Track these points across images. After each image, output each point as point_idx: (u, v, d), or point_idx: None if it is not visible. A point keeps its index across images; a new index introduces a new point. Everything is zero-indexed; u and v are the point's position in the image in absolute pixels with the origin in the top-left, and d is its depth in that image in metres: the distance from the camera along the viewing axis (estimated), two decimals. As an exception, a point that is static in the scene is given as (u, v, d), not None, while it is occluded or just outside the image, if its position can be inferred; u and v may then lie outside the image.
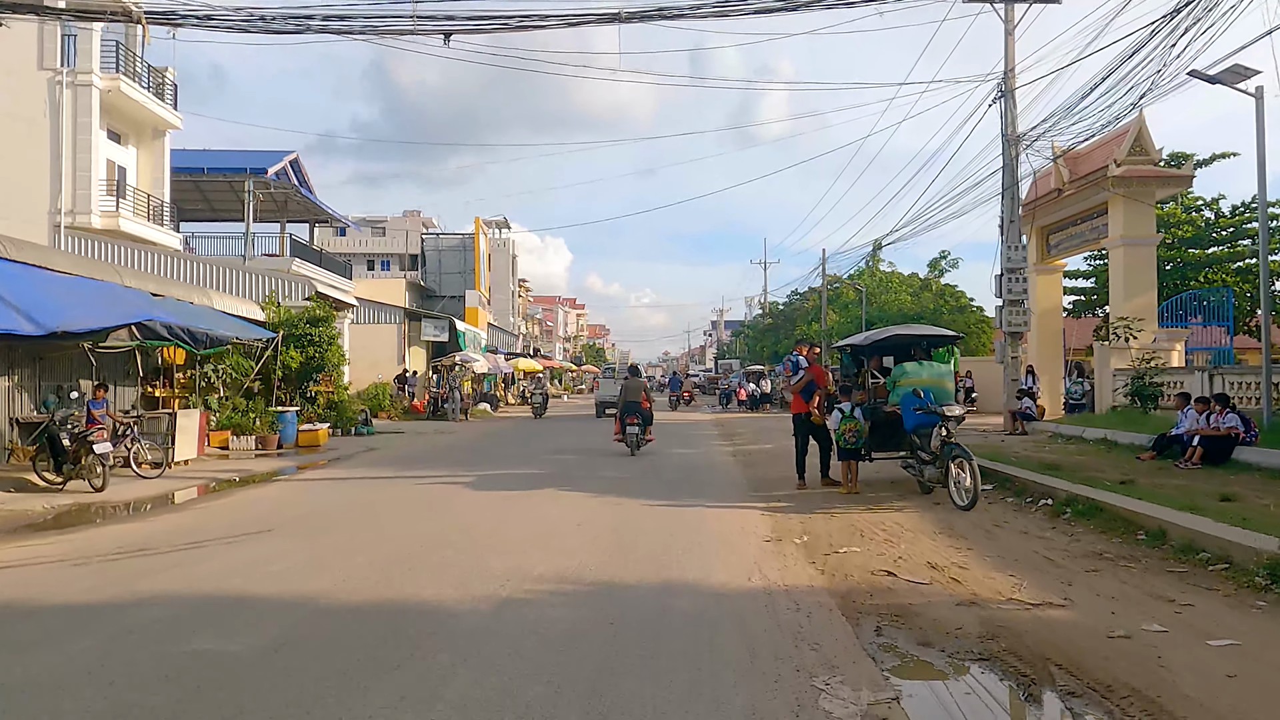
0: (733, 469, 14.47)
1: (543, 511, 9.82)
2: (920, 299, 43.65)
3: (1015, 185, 22.09)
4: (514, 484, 12.50)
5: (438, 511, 9.90)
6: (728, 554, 7.41)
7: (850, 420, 10.90)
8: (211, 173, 36.35)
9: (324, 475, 14.62)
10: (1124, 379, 18.59)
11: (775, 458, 16.05)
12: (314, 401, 24.33)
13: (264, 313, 23.99)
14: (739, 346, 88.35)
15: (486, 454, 18.00)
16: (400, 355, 36.31)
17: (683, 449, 18.78)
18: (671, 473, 14.03)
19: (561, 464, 15.53)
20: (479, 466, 15.22)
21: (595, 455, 17.37)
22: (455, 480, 13.04)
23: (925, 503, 10.23)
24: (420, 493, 11.74)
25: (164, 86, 30.68)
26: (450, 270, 51.68)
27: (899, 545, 7.74)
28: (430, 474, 14.05)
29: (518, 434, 24.96)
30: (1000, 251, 22.32)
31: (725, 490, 11.74)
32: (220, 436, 19.88)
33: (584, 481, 12.81)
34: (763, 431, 23.70)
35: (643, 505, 10.28)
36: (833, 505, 10.19)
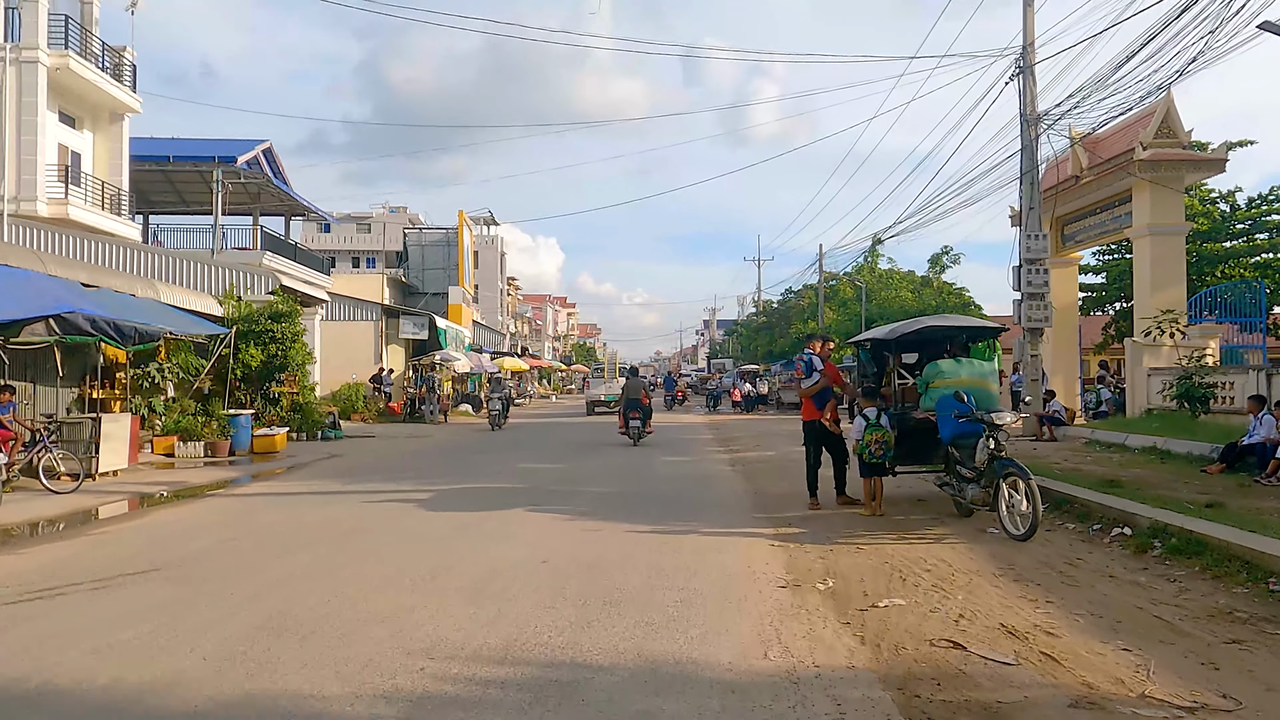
0: (732, 482, 12.71)
1: (503, 543, 8.02)
2: (921, 296, 41.99)
3: (1035, 169, 20.40)
4: (478, 502, 10.71)
5: (373, 543, 8.10)
6: (734, 611, 5.64)
7: (876, 429, 9.16)
8: (178, 161, 34.39)
9: (265, 490, 12.80)
10: (1161, 380, 16.91)
11: (779, 468, 14.29)
12: (277, 403, 22.50)
13: (222, 307, 22.19)
14: (732, 346, 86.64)
15: (457, 462, 16.20)
16: (377, 354, 34.45)
17: (676, 457, 17.00)
18: (664, 486, 12.25)
19: (538, 475, 13.74)
20: (444, 478, 13.43)
21: (578, 462, 15.59)
22: (410, 497, 11.24)
23: (967, 529, 8.48)
24: (363, 515, 9.94)
25: (122, 67, 28.78)
26: (433, 266, 49.80)
27: (954, 594, 5.98)
28: (385, 488, 12.25)
29: (496, 438, 23.14)
30: (1018, 241, 20.63)
31: (726, 511, 9.96)
32: (165, 443, 18.06)
33: (561, 498, 11.02)
34: (762, 437, 21.94)
35: (627, 532, 8.51)
36: (856, 532, 8.43)
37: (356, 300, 35.08)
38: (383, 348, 34.53)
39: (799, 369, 9.84)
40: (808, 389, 9.87)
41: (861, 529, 8.60)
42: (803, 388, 9.89)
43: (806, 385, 9.85)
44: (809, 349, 10.09)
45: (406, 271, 50.54)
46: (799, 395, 10.01)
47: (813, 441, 10.06)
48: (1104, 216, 23.89)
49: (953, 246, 44.61)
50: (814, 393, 9.86)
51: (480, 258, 72.62)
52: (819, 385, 9.84)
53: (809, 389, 9.86)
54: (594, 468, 14.85)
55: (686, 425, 28.17)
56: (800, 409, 10.49)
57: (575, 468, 14.87)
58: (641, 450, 18.38)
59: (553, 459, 16.58)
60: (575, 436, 23.36)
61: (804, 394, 9.93)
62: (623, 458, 16.68)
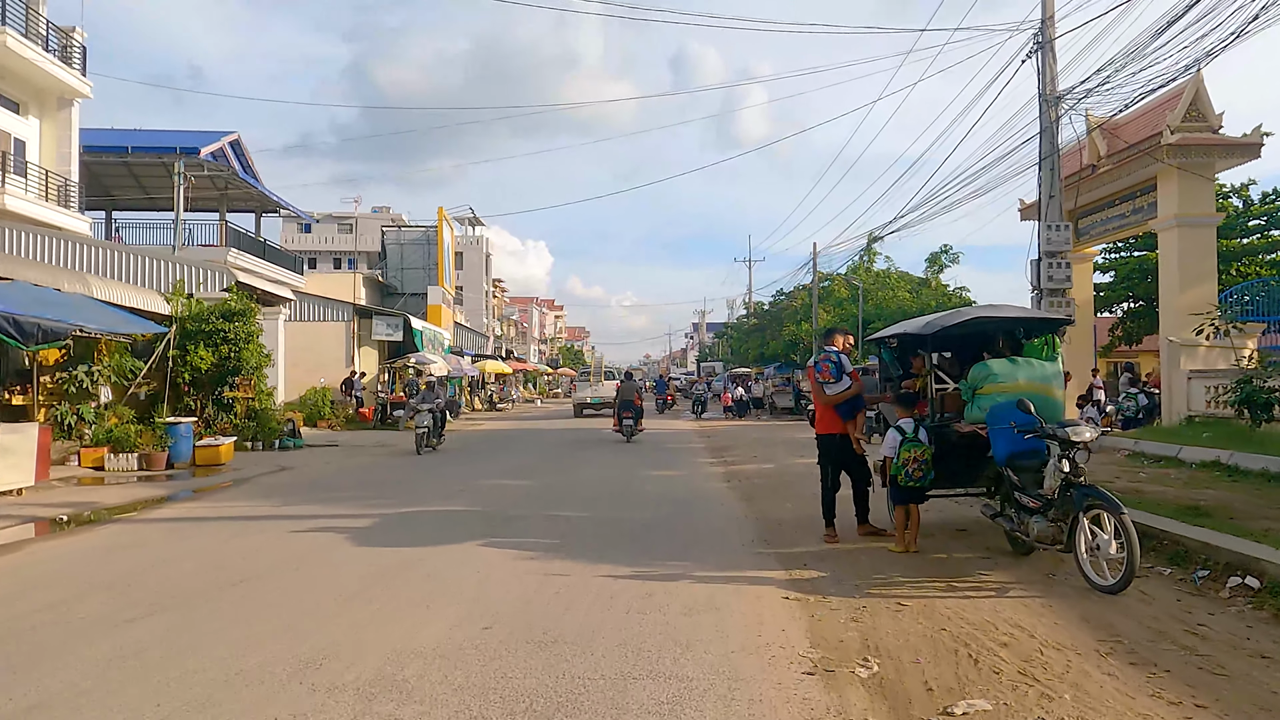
0: (729, 503, 10.90)
1: (434, 601, 6.19)
2: (920, 296, 40.34)
3: (1056, 153, 18.70)
4: (422, 533, 8.87)
5: (260, 603, 6.26)
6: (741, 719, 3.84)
7: (915, 445, 7.39)
8: (137, 152, 32.48)
9: (183, 513, 10.92)
10: (1205, 383, 15.23)
11: (782, 485, 12.50)
12: (230, 409, 20.61)
13: (169, 305, 20.28)
14: (722, 348, 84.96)
15: (416, 478, 14.34)
16: (349, 356, 32.51)
17: (664, 470, 15.17)
18: (649, 509, 10.43)
19: (504, 495, 11.92)
20: (395, 498, 11.59)
21: (554, 478, 13.76)
22: (345, 524, 9.40)
23: (1031, 574, 6.70)
24: (273, 553, 8.09)
25: (71, 49, 26.83)
26: (413, 265, 47.83)
27: (1057, 691, 4.19)
28: (321, 512, 10.41)
29: (470, 448, 21.27)
30: (1037, 233, 18.96)
31: (724, 544, 8.16)
32: (95, 454, 16.15)
33: (524, 526, 9.20)
34: (758, 446, 20.14)
35: (600, 579, 6.69)
36: (890, 576, 6.65)
37: (326, 300, 33.13)
38: (354, 350, 32.61)
39: (825, 370, 8.03)
40: (835, 395, 8.08)
41: (897, 572, 6.81)
42: (828, 394, 8.09)
43: (834, 391, 8.06)
44: (830, 345, 8.29)
45: (385, 271, 48.59)
46: (822, 403, 8.20)
47: (831, 460, 8.29)
48: (1124, 208, 22.25)
49: (952, 245, 42.94)
50: (841, 400, 8.08)
51: (465, 259, 70.74)
52: (850, 391, 8.07)
53: (837, 395, 8.08)
54: (570, 484, 13.03)
55: (676, 432, 26.36)
56: (812, 418, 8.68)
57: (549, 485, 13.04)
58: (626, 462, 16.59)
59: (525, 473, 14.74)
60: (556, 445, 21.51)
61: (829, 402, 8.12)
62: (604, 472, 14.87)
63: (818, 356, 8.17)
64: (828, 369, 7.96)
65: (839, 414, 8.12)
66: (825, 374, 7.97)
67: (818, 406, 8.26)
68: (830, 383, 7.99)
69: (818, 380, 8.07)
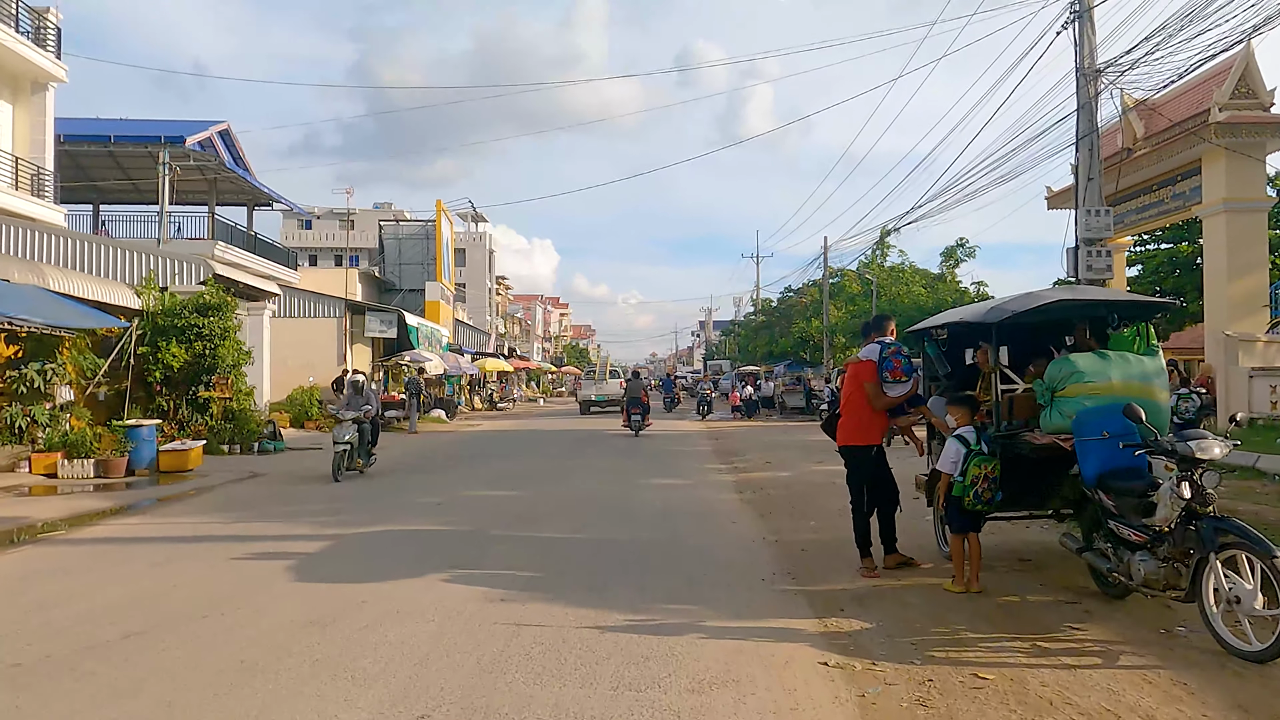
0: (744, 522, 9.46)
1: (366, 669, 4.77)
2: (937, 291, 38.81)
3: (1095, 131, 17.19)
4: (374, 561, 7.47)
5: (152, 666, 4.87)
6: None
7: (984, 460, 5.95)
8: (120, 141, 31.14)
9: (120, 532, 9.53)
10: (1269, 382, 13.77)
11: (801, 498, 11.06)
12: (205, 410, 19.25)
13: (140, 299, 18.97)
14: (729, 346, 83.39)
15: (391, 487, 12.95)
16: (341, 354, 31.16)
17: (668, 479, 13.73)
18: (650, 528, 9.01)
19: (485, 509, 10.50)
20: (360, 512, 10.19)
21: (545, 486, 12.34)
22: (298, 548, 8.02)
23: (1136, 626, 5.27)
24: (203, 586, 6.70)
25: (45, 30, 25.46)
26: (411, 261, 46.43)
27: None
28: (276, 531, 9.03)
29: (460, 451, 19.89)
30: (1074, 219, 17.48)
31: (740, 578, 6.73)
32: (47, 460, 14.78)
33: (500, 553, 7.79)
34: (770, 450, 18.69)
35: (585, 631, 5.29)
36: (956, 631, 5.22)
37: (317, 295, 31.82)
38: (347, 347, 31.25)
39: (896, 367, 6.53)
40: (896, 398, 6.67)
41: (961, 622, 5.38)
42: (890, 396, 6.66)
43: (897, 393, 6.65)
44: (884, 338, 6.80)
45: (383, 267, 47.23)
46: (878, 406, 6.71)
47: (865, 475, 6.84)
48: (1162, 194, 20.77)
49: (968, 239, 41.35)
50: (896, 403, 6.64)
51: (468, 256, 69.43)
52: (909, 393, 6.64)
53: (898, 398, 6.67)
54: (563, 496, 11.61)
55: (682, 434, 24.91)
56: (831, 423, 7.22)
57: (540, 496, 11.62)
58: (627, 468, 15.18)
59: (515, 481, 13.32)
60: (553, 448, 20.09)
61: (887, 405, 6.70)
62: (602, 480, 13.44)
63: (886, 351, 6.64)
64: (899, 365, 6.48)
65: (885, 418, 6.68)
66: (897, 371, 6.50)
67: (857, 411, 6.77)
68: (901, 382, 6.53)
69: (884, 378, 6.59)
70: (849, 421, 6.86)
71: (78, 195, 38.18)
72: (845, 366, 7.07)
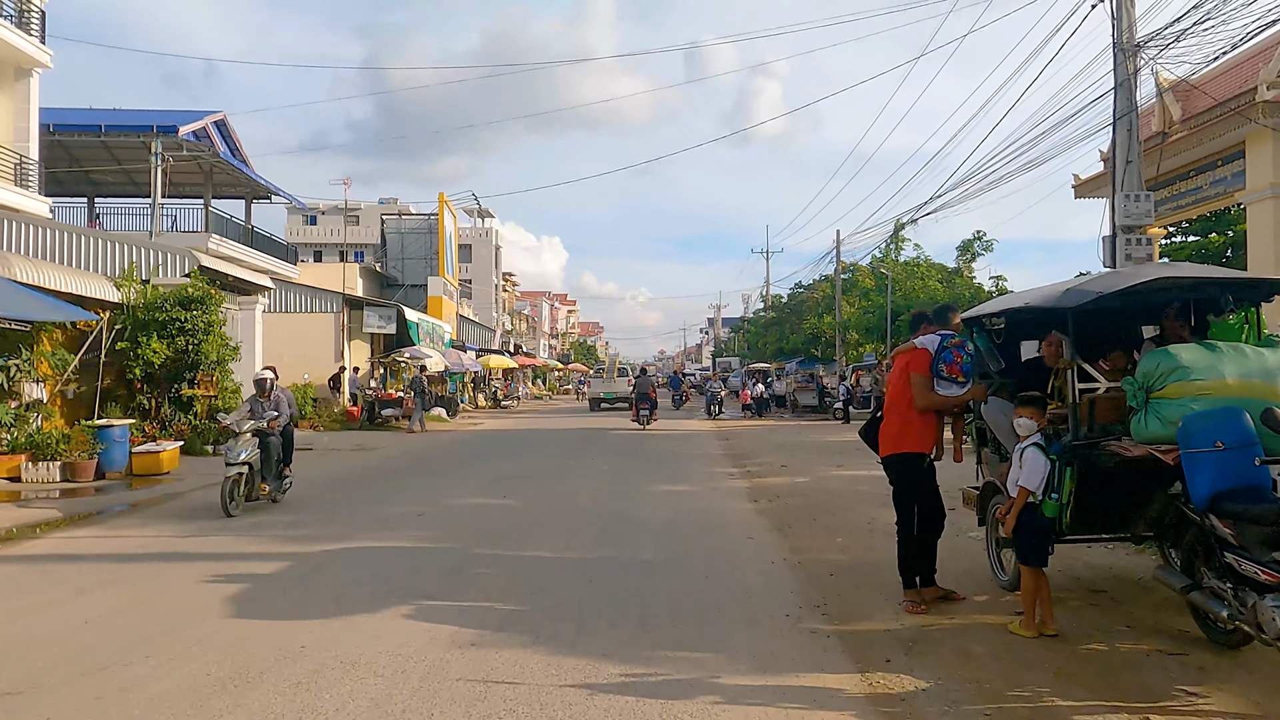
0: (760, 537, 8.37)
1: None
2: (954, 286, 37.58)
3: (1134, 111, 16.01)
4: (338, 588, 6.41)
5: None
6: None
7: (1071, 478, 4.86)
8: (111, 131, 30.19)
9: (63, 547, 8.49)
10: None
11: (824, 508, 9.95)
12: (189, 409, 18.27)
13: (120, 292, 17.99)
14: (738, 343, 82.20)
15: (374, 494, 11.89)
16: (338, 350, 30.15)
17: (674, 484, 12.62)
18: (653, 545, 7.92)
19: (470, 520, 9.43)
20: (332, 525, 9.14)
21: (538, 493, 11.27)
22: (248, 569, 6.97)
23: (1270, 687, 4.15)
24: (122, 623, 5.68)
25: (29, 14, 24.49)
26: (414, 255, 45.46)
27: None
28: (228, 548, 8.00)
29: (457, 451, 18.85)
30: (1111, 205, 16.31)
31: (759, 614, 5.64)
32: (10, 463, 13.79)
33: (481, 578, 6.72)
34: (784, 451, 17.57)
35: (568, 692, 4.22)
36: (1037, 694, 4.13)
37: (314, 290, 30.81)
38: (344, 343, 30.23)
39: (955, 363, 5.44)
40: (949, 400, 5.61)
41: (1043, 682, 4.28)
42: (940, 395, 5.59)
43: (949, 393, 5.60)
44: (948, 330, 5.68)
45: (385, 262, 46.24)
46: (921, 406, 5.60)
47: (916, 492, 5.73)
48: (1201, 180, 19.56)
49: (985, 232, 39.98)
50: (947, 407, 5.56)
51: (474, 252, 68.40)
52: (968, 396, 5.58)
53: (952, 400, 5.63)
54: (560, 504, 10.54)
55: (690, 434, 23.81)
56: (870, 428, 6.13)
57: (533, 505, 10.55)
58: (630, 471, 14.10)
59: (508, 487, 12.24)
60: (554, 449, 19.03)
61: (935, 406, 5.62)
62: (603, 485, 12.37)
63: (948, 341, 5.52)
64: (959, 362, 5.39)
65: (936, 422, 5.58)
66: (954, 368, 5.40)
67: (905, 412, 5.66)
68: (957, 382, 5.44)
69: (938, 372, 5.49)
70: (895, 425, 5.75)
71: (72, 189, 37.36)
72: (893, 356, 5.95)
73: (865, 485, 11.73)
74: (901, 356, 5.72)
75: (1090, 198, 24.07)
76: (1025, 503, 4.90)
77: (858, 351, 42.51)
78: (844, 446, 18.12)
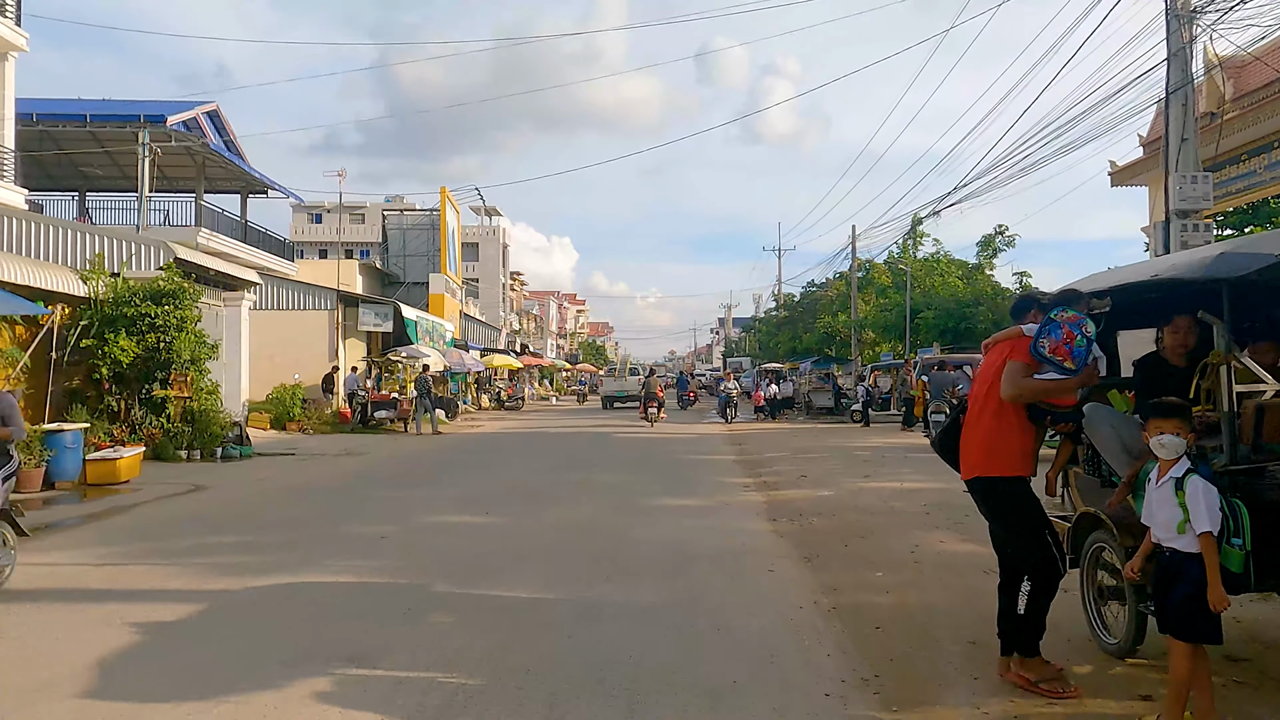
0: (784, 571, 6.93)
1: None
2: (975, 282, 36.05)
3: (1190, 83, 14.54)
4: (254, 641, 5.03)
5: None
6: None
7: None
8: (96, 121, 29.00)
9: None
10: None
11: (856, 531, 8.51)
12: (161, 411, 16.99)
13: (87, 285, 16.73)
14: (749, 343, 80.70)
15: (338, 509, 10.53)
16: (332, 349, 28.87)
17: (680, 498, 11.20)
18: (653, 585, 6.50)
19: (441, 545, 8.04)
20: (280, 551, 7.77)
21: (525, 510, 9.86)
22: (154, 613, 5.61)
23: None
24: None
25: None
26: (416, 252, 44.18)
27: None
28: (145, 582, 6.64)
29: (448, 457, 17.50)
30: (1166, 189, 14.83)
31: (792, 695, 4.22)
32: (-50, 471, 12.48)
33: (430, 632, 5.33)
34: (804, 459, 16.12)
35: None
36: None
37: (307, 286, 29.54)
38: (339, 342, 28.94)
39: (1064, 344, 3.91)
40: (1047, 385, 4.11)
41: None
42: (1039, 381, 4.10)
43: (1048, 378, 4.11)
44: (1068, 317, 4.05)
45: (386, 258, 44.97)
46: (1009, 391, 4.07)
47: (1024, 527, 4.23)
48: (1254, 164, 18.07)
49: (1007, 226, 38.27)
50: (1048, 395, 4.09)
51: (480, 250, 67.16)
52: (1079, 384, 4.12)
53: (1050, 386, 4.12)
54: (546, 523, 9.14)
55: (700, 438, 22.39)
56: (953, 442, 4.53)
57: (515, 525, 9.16)
58: (631, 484, 12.68)
59: (492, 502, 10.85)
60: (552, 455, 17.64)
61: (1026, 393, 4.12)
62: (599, 500, 10.96)
63: (1058, 314, 4.02)
64: (1069, 340, 3.92)
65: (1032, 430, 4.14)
66: (1060, 348, 3.94)
67: (989, 422, 4.17)
68: (1067, 367, 3.98)
69: (1038, 352, 4.04)
70: (980, 436, 4.26)
71: (65, 183, 36.33)
72: (987, 345, 4.47)
73: (900, 501, 10.30)
74: (1000, 346, 4.27)
75: (1127, 185, 22.58)
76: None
77: (874, 351, 41.01)
78: (869, 453, 16.68)
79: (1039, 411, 4.14)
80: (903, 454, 16.41)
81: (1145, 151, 21.48)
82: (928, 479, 12.06)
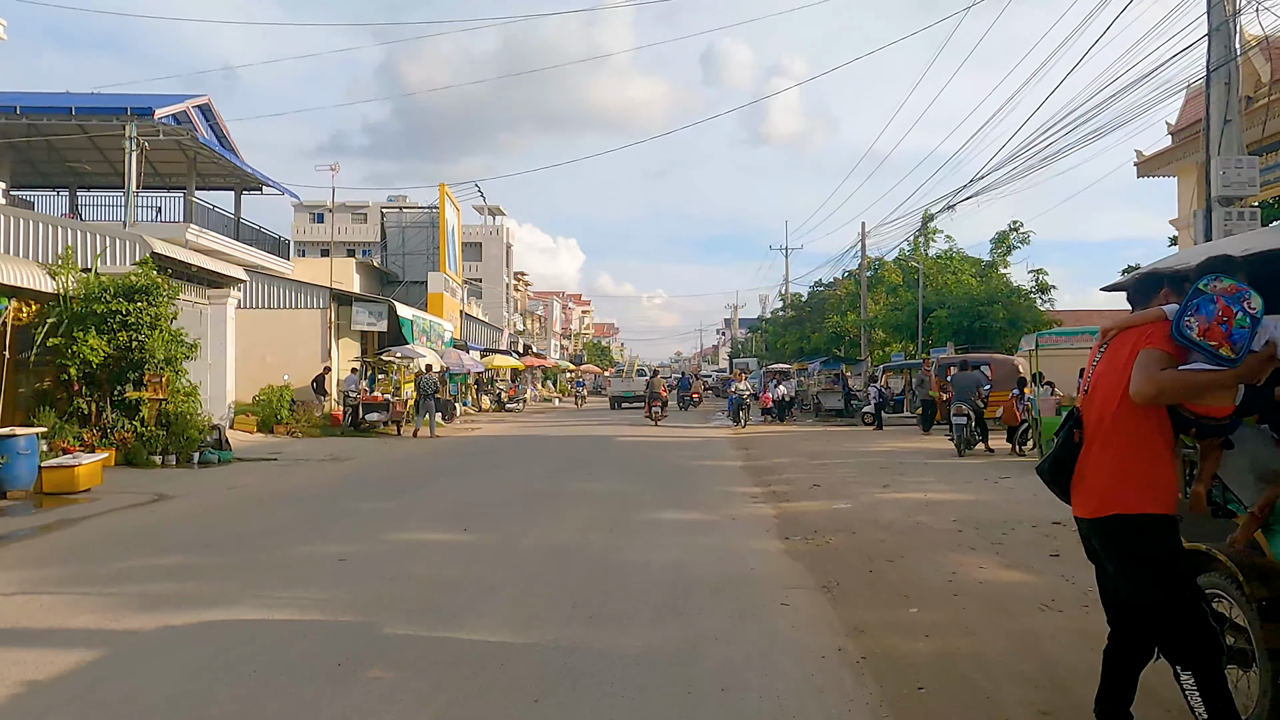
0: (800, 605, 5.89)
1: None
2: (989, 280, 34.96)
3: (1234, 60, 13.47)
4: (143, 711, 4.02)
5: None
6: None
7: None
8: (82, 113, 28.09)
9: None
10: None
11: (881, 553, 7.47)
12: (135, 414, 16.05)
13: (56, 280, 15.82)
14: (756, 344, 79.58)
15: (305, 522, 9.54)
16: (325, 349, 27.91)
17: (684, 511, 10.15)
18: (646, 624, 5.47)
19: (406, 571, 7.01)
20: (215, 577, 6.76)
21: (516, 520, 8.85)
22: (35, 671, 4.61)
23: None
24: None
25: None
26: (415, 251, 43.23)
27: None
28: (55, 619, 5.65)
29: (437, 462, 16.50)
30: (1207, 174, 13.77)
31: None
32: (-107, 480, 11.55)
33: (365, 697, 4.32)
34: (816, 464, 15.07)
35: None
36: None
37: (299, 284, 28.60)
38: (331, 341, 27.98)
39: (1223, 330, 2.77)
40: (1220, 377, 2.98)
41: None
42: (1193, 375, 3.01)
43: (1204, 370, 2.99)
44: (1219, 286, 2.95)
45: (384, 257, 44.04)
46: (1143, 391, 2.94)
47: (1175, 589, 3.07)
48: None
49: (1022, 222, 37.11)
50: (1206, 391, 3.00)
51: (484, 250, 66.23)
52: (1245, 373, 2.99)
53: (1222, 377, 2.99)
54: (530, 548, 8.10)
55: (706, 442, 21.36)
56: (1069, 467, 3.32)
57: (490, 545, 8.14)
58: (626, 495, 11.64)
59: (473, 515, 9.82)
60: (545, 462, 16.64)
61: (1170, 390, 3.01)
62: (596, 515, 9.92)
63: (1217, 283, 2.95)
64: (1227, 323, 2.84)
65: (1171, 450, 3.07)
66: (1217, 332, 2.85)
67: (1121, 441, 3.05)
68: (1228, 358, 2.89)
69: (1184, 335, 2.97)
70: (1110, 460, 3.14)
71: (55, 180, 35.59)
72: (1107, 334, 3.33)
73: (926, 515, 9.26)
74: (1127, 333, 3.18)
75: (1156, 175, 21.49)
76: None
77: (884, 351, 39.93)
78: (885, 459, 15.61)
79: (1182, 420, 3.08)
80: (922, 460, 15.36)
81: (1174, 140, 20.39)
82: (953, 489, 11.01)
